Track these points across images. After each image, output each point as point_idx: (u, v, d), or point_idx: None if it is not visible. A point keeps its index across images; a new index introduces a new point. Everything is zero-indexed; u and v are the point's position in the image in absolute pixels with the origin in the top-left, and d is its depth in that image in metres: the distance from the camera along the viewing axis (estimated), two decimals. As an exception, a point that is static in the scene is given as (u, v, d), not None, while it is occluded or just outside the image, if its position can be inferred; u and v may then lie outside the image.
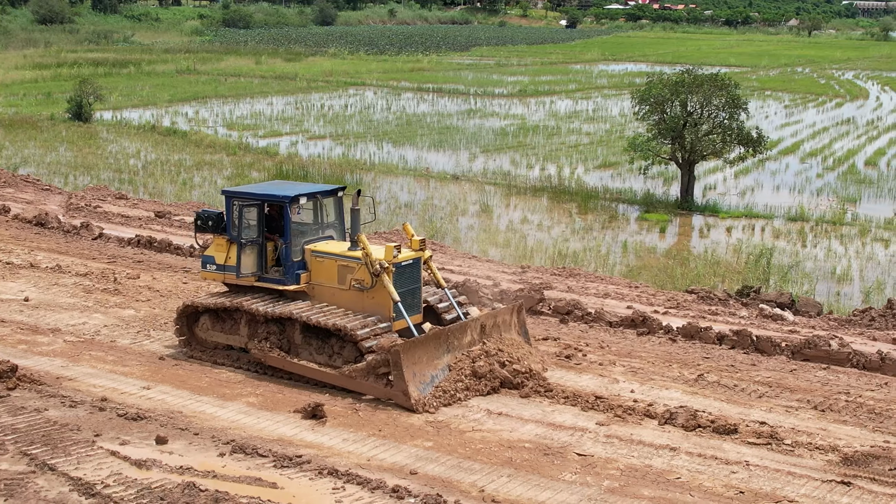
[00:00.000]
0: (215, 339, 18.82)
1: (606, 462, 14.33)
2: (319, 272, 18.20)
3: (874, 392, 17.33)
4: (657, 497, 13.23)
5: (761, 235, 35.91)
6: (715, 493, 13.51)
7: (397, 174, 45.79)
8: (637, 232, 36.13)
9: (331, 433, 15.05)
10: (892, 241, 35.17)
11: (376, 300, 17.57)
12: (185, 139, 53.48)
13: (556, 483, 13.53)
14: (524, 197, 41.33)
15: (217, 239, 18.80)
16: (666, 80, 41.52)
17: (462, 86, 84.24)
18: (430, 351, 16.69)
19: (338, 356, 17.40)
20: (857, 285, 29.77)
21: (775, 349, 19.12)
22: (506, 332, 18.23)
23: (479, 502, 12.83)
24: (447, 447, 14.63)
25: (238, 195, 18.67)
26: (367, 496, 12.77)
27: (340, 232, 19.35)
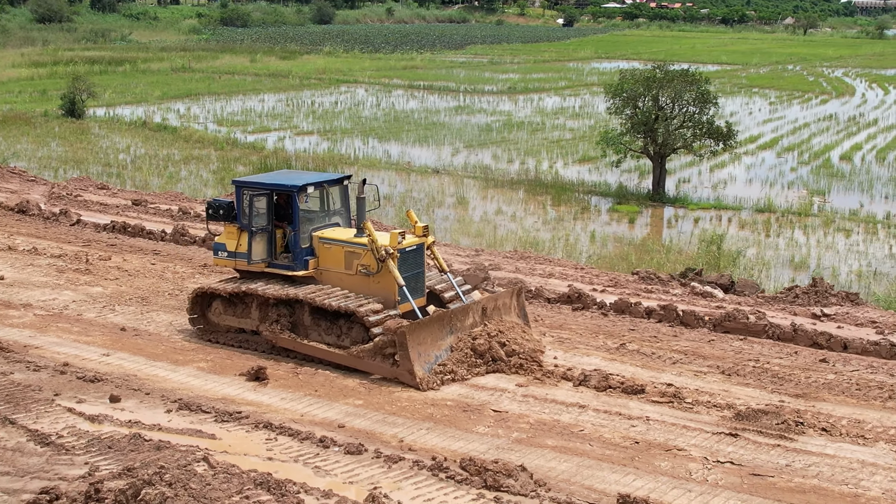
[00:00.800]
0: (227, 322, 19.54)
1: (519, 417, 15.52)
2: (327, 258, 18.97)
3: (782, 359, 18.45)
4: (558, 446, 14.40)
5: (727, 226, 37.01)
6: (612, 443, 14.68)
7: (380, 168, 46.90)
8: (607, 223, 37.24)
9: (270, 393, 16.28)
10: (853, 232, 36.24)
11: (382, 284, 18.33)
12: (174, 135, 54.62)
13: (469, 434, 14.71)
14: (501, 190, 42.43)
15: (228, 227, 19.51)
16: (638, 75, 42.61)
17: (453, 83, 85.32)
18: (434, 332, 17.46)
19: (346, 337, 18.12)
20: (812, 271, 30.82)
21: (698, 322, 20.25)
22: (506, 314, 18.92)
23: (396, 450, 14.02)
24: (375, 405, 15.84)
25: (248, 185, 19.33)
26: (296, 446, 13.97)
27: (346, 219, 20.09)
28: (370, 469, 13.33)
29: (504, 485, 12.63)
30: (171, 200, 33.34)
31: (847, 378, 17.47)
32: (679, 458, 14.20)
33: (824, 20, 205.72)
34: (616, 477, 13.44)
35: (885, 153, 53.66)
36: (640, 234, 35.93)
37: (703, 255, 29.00)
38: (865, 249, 33.79)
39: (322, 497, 12.25)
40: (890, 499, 13.08)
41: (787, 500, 12.93)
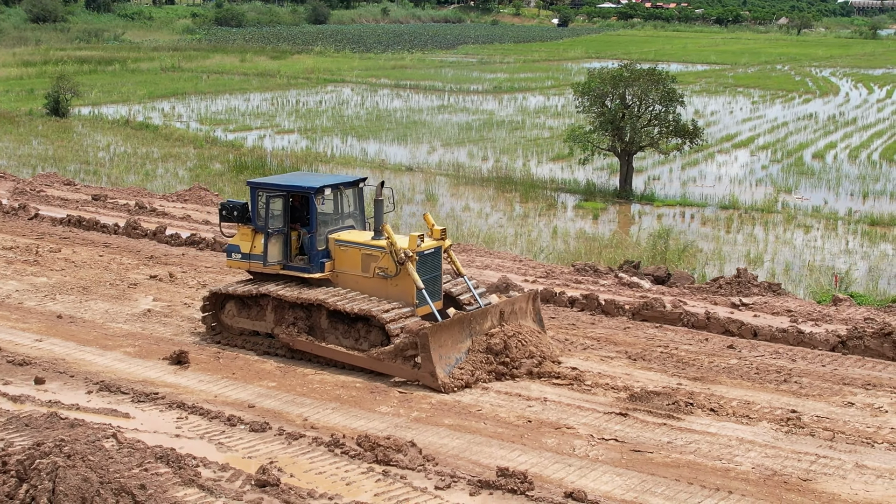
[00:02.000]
0: (241, 325, 19.33)
1: (422, 398, 16.18)
2: (343, 260, 18.82)
3: (691, 346, 19.09)
4: (454, 424, 15.07)
5: (690, 222, 37.63)
6: (506, 421, 15.35)
7: (354, 165, 47.51)
8: (571, 219, 37.84)
9: (189, 376, 16.95)
10: (813, 228, 36.82)
11: (400, 287, 18.25)
12: (155, 133, 55.25)
13: (371, 414, 15.38)
14: (472, 187, 43.04)
15: (242, 229, 19.34)
16: (605, 74, 43.21)
17: (440, 83, 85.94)
18: (454, 335, 17.44)
19: (364, 340, 18.07)
20: (766, 266, 31.42)
21: (618, 311, 20.86)
22: (522, 318, 18.82)
23: (299, 428, 14.70)
24: (288, 387, 16.52)
25: (264, 186, 19.12)
26: (204, 423, 14.64)
27: (360, 221, 19.96)
28: (271, 445, 14.00)
29: (394, 459, 13.25)
30: (132, 195, 34.01)
31: (749, 363, 18.12)
32: (566, 436, 14.85)
33: (819, 20, 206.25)
34: (503, 452, 14.07)
35: (858, 152, 54.25)
36: (602, 230, 36.51)
37: (649, 249, 29.59)
38: (822, 245, 34.37)
39: (219, 470, 12.89)
40: (759, 473, 13.68)
41: (661, 473, 13.55)
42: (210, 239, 27.25)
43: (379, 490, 12.54)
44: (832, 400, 16.44)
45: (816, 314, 20.85)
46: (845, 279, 27.04)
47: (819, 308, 21.42)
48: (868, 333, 18.48)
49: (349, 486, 12.60)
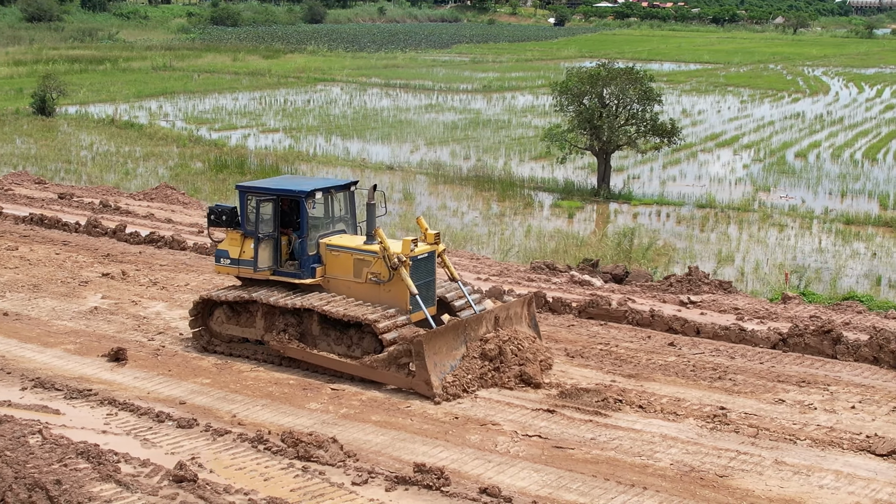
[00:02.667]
0: (230, 331, 18.97)
1: (353, 395, 16.29)
2: (334, 266, 18.47)
3: (631, 343, 19.17)
4: (382, 421, 15.18)
5: (665, 221, 37.70)
6: (434, 418, 15.44)
7: (336, 164, 47.62)
8: (547, 217, 37.91)
9: (125, 373, 17.04)
10: (787, 227, 36.88)
11: (393, 293, 17.89)
12: (140, 132, 55.36)
13: (300, 410, 15.49)
14: (450, 185, 43.13)
15: (231, 233, 19.01)
16: (583, 73, 43.28)
17: (430, 82, 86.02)
18: (449, 341, 17.07)
19: (356, 347, 17.67)
20: (737, 264, 31.48)
21: (565, 308, 20.93)
22: (517, 324, 18.42)
23: (226, 425, 14.80)
24: (221, 384, 16.62)
25: (253, 190, 18.81)
26: (133, 420, 14.75)
27: (352, 226, 19.55)
28: (195, 441, 14.10)
29: (314, 455, 13.34)
30: (100, 194, 34.11)
31: (686, 360, 18.19)
32: (491, 432, 14.95)
33: (815, 19, 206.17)
34: (426, 449, 14.16)
35: (841, 151, 54.31)
36: (577, 228, 36.57)
37: (614, 248, 29.66)
38: (795, 244, 34.44)
39: (139, 466, 12.98)
40: (676, 469, 13.75)
41: (579, 469, 13.64)
42: (168, 237, 27.35)
43: (296, 486, 12.64)
44: (763, 397, 16.51)
45: (763, 312, 20.91)
46: (805, 277, 27.10)
47: (768, 306, 21.49)
48: (808, 331, 18.54)
49: (267, 482, 12.70)
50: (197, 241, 27.64)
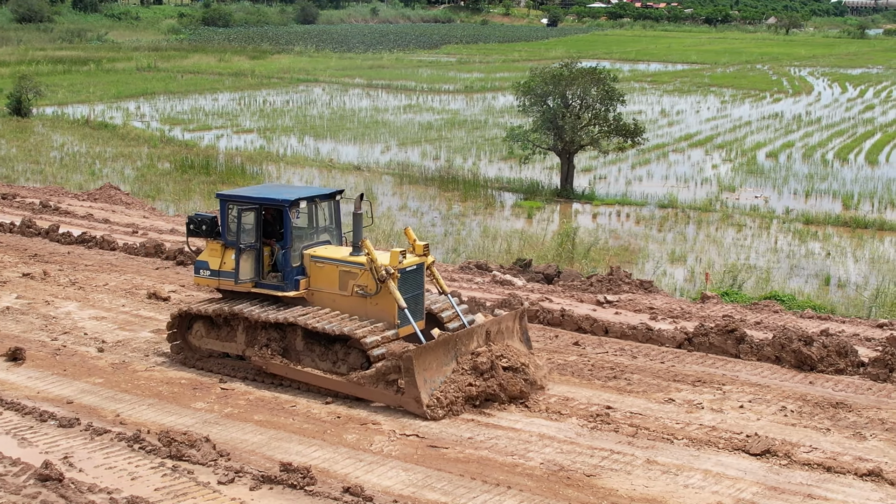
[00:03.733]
0: (210, 346, 18.26)
1: (242, 394, 16.38)
2: (319, 278, 17.76)
3: (537, 343, 19.16)
4: (264, 420, 15.27)
5: (625, 221, 37.76)
6: (317, 417, 15.54)
7: (303, 165, 47.67)
8: (506, 217, 37.95)
9: (20, 372, 17.10)
10: (746, 226, 36.92)
11: (380, 306, 17.20)
12: (113, 132, 55.41)
13: (185, 410, 15.56)
14: (415, 186, 43.18)
15: (211, 244, 18.28)
16: (546, 73, 43.33)
17: (413, 82, 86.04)
18: (439, 357, 16.40)
19: (342, 363, 16.99)
20: (689, 264, 31.51)
21: (479, 308, 20.94)
22: (509, 338, 17.75)
23: (108, 424, 14.87)
24: (113, 383, 16.69)
25: (235, 199, 18.04)
26: (16, 419, 14.82)
27: (336, 237, 18.88)
28: (73, 440, 14.16)
29: (186, 454, 13.39)
30: (44, 194, 34.18)
31: (587, 360, 18.23)
32: (369, 432, 15.01)
33: (808, 20, 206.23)
34: (300, 448, 14.23)
35: (814, 151, 54.35)
36: (535, 228, 36.61)
37: (555, 248, 29.70)
38: (750, 244, 34.47)
39: (10, 465, 13.04)
40: (546, 468, 13.80)
41: (449, 469, 13.70)
42: (99, 237, 27.35)
43: (162, 484, 12.69)
44: (654, 396, 16.54)
45: (678, 312, 20.94)
46: (739, 278, 27.15)
47: (685, 306, 21.53)
48: (713, 331, 18.56)
49: (134, 481, 12.76)
50: (127, 241, 27.69)
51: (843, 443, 14.63)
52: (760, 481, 13.30)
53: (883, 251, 33.78)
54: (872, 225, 37.10)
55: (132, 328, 20.10)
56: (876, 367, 17.19)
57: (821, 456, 14.05)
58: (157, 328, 20.28)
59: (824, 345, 17.60)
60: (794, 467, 13.82)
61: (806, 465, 13.81)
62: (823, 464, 13.74)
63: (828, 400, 16.17)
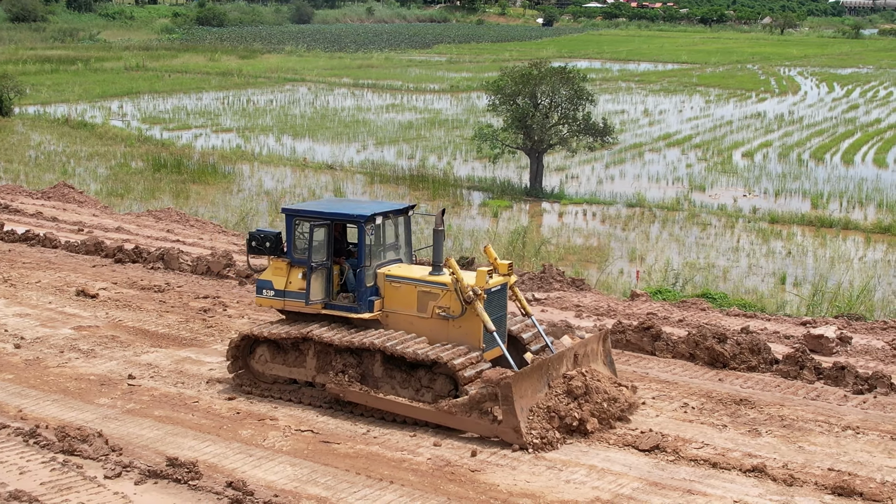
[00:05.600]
0: (276, 372, 16.98)
1: (147, 391, 16.49)
2: (395, 299, 16.59)
3: None
4: (163, 416, 15.38)
5: (590, 220, 37.87)
6: (216, 413, 15.67)
7: (277, 164, 47.79)
8: (471, 216, 38.05)
9: None
10: (711, 225, 37.00)
11: (464, 329, 16.14)
12: (91, 132, 55.56)
13: (88, 406, 15.68)
14: (385, 185, 43.27)
15: (275, 262, 17.07)
16: (515, 73, 43.46)
17: (400, 82, 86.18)
18: (534, 383, 15.38)
19: (426, 390, 15.91)
20: (649, 262, 31.58)
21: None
22: (594, 361, 16.73)
23: (9, 419, 14.96)
24: (23, 379, 16.80)
25: (304, 214, 16.93)
26: None
27: (407, 254, 17.73)
28: None
29: (78, 449, 13.49)
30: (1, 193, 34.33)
31: None
32: (265, 427, 15.12)
33: (804, 20, 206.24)
34: (194, 443, 14.33)
35: (791, 150, 54.40)
36: (500, 227, 36.67)
37: (506, 246, 29.79)
38: (713, 243, 34.56)
39: None
40: (432, 463, 13.87)
41: (335, 464, 13.79)
42: (42, 235, 27.42)
43: (49, 479, 12.78)
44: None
45: (604, 309, 21.01)
46: (681, 276, 27.23)
47: (613, 304, 21.58)
48: (631, 328, 18.62)
49: (22, 475, 12.84)
50: (70, 239, 27.72)
51: (736, 439, 14.71)
52: (644, 477, 13.38)
53: (844, 250, 33.87)
54: (837, 224, 37.18)
55: (53, 325, 20.25)
56: (787, 364, 17.26)
57: (710, 452, 14.11)
58: (79, 325, 20.49)
59: (738, 342, 17.66)
60: (680, 463, 13.88)
61: (693, 460, 13.86)
62: (710, 460, 13.80)
63: (732, 397, 16.24)
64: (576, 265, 30.28)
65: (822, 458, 13.92)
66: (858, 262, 32.17)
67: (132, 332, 20.07)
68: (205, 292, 22.86)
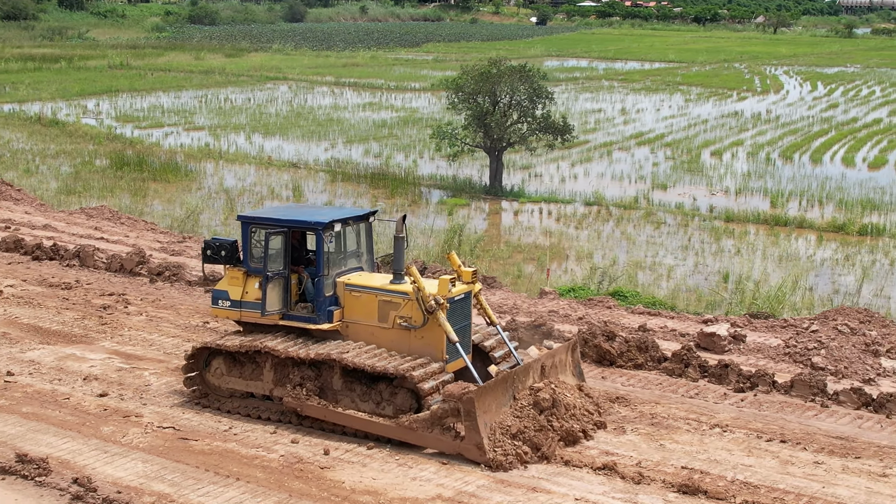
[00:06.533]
0: (232, 385, 16.39)
1: (21, 388, 16.67)
2: (355, 309, 16.04)
3: None
4: (30, 413, 15.53)
5: (547, 218, 37.92)
6: (84, 410, 15.85)
7: (242, 162, 47.83)
8: (426, 214, 38.05)
9: None
10: (665, 223, 37.02)
11: (426, 340, 15.59)
12: (62, 130, 55.63)
13: None
14: (346, 183, 43.32)
15: (231, 271, 16.51)
16: (474, 71, 43.48)
17: (382, 80, 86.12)
18: (498, 397, 14.77)
19: (387, 403, 15.32)
20: (596, 260, 31.60)
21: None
22: (562, 373, 16.21)
23: None
24: None
25: (260, 221, 16.38)
26: None
27: (369, 262, 17.12)
28: None
29: None
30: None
31: None
32: (129, 424, 15.21)
33: (797, 19, 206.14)
34: (53, 440, 14.43)
35: (761, 149, 54.39)
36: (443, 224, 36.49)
37: (442, 244, 29.83)
38: (663, 241, 34.58)
39: None
40: (284, 461, 13.95)
41: (188, 460, 13.88)
42: None
43: None
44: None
45: (508, 307, 21.03)
46: (609, 275, 27.26)
47: (520, 301, 21.61)
48: (524, 325, 18.63)
49: None
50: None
51: (598, 437, 14.71)
52: (491, 475, 13.42)
53: (794, 249, 33.88)
54: (792, 223, 37.19)
55: (-52, 322, 20.43)
56: (673, 362, 17.29)
57: (567, 451, 14.15)
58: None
59: (626, 340, 17.70)
60: (533, 461, 13.90)
61: (546, 458, 13.88)
62: (564, 457, 13.83)
63: (610, 395, 16.27)
64: (520, 263, 30.33)
65: (679, 457, 13.97)
66: (806, 261, 32.21)
67: (24, 329, 20.13)
68: (112, 289, 23.00)
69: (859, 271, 30.96)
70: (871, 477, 13.58)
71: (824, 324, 18.73)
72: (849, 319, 18.90)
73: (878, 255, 33.11)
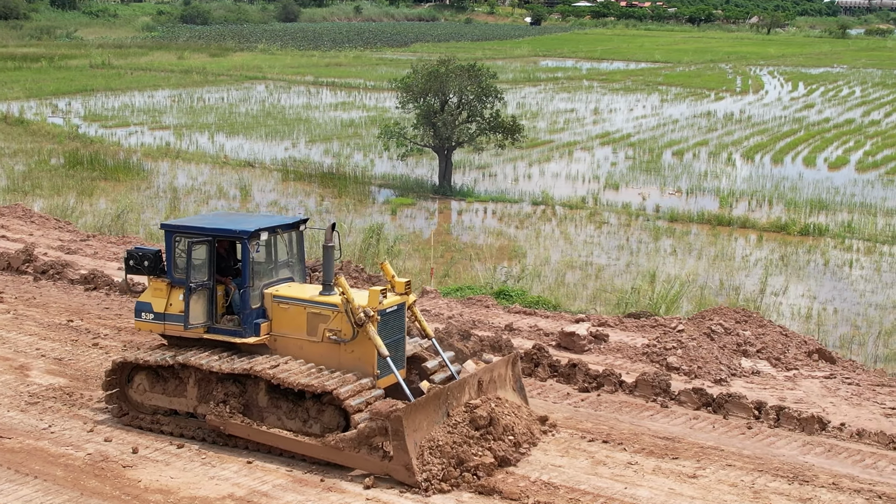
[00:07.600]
0: (154, 402, 15.77)
1: None
2: (283, 321, 15.44)
3: None
4: None
5: (490, 218, 37.87)
6: None
7: (198, 161, 47.82)
8: (369, 214, 38.01)
9: None
10: (608, 223, 36.95)
11: (356, 354, 14.93)
12: (26, 129, 55.68)
13: None
14: (299, 182, 43.30)
15: (154, 282, 15.89)
16: (424, 70, 43.44)
17: (361, 80, 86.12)
18: (430, 415, 14.08)
19: (314, 421, 14.73)
20: (529, 260, 31.52)
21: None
22: (501, 388, 15.58)
23: None
24: None
25: (183, 230, 15.76)
26: None
27: (300, 273, 16.57)
28: None
29: None
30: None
31: None
32: None
33: (792, 20, 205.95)
34: None
35: (723, 149, 54.27)
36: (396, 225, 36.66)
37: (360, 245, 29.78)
38: (600, 241, 34.51)
39: None
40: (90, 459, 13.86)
41: None
42: None
43: None
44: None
45: None
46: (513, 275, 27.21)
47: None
48: None
49: None
50: None
51: None
52: (291, 474, 13.38)
53: (731, 249, 33.80)
54: (735, 223, 37.12)
55: None
56: (524, 361, 17.24)
57: None
58: None
59: (481, 339, 17.63)
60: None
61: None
62: None
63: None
64: (447, 264, 30.27)
65: (490, 458, 13.87)
66: (740, 261, 32.14)
67: None
68: (-9, 288, 23.00)
69: (792, 271, 30.92)
70: (679, 478, 13.50)
71: (700, 324, 18.64)
72: (724, 319, 18.81)
73: (815, 255, 33.01)
